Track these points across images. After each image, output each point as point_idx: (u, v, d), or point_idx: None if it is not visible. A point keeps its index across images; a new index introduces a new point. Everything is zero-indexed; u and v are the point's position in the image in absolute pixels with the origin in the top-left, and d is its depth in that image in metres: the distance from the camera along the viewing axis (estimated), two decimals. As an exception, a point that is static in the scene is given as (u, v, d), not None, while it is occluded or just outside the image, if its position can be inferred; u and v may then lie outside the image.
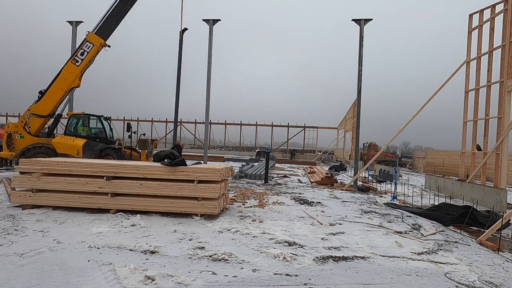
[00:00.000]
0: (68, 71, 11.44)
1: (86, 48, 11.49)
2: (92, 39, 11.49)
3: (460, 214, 6.91)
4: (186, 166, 6.49)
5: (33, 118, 11.37)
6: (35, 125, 11.46)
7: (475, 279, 3.90)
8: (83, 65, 11.51)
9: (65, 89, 11.47)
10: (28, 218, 5.72)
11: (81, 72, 11.63)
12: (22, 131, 11.23)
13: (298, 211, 7.54)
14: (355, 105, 14.69)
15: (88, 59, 11.54)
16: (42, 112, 11.40)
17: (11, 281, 3.31)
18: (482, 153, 11.30)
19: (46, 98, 11.42)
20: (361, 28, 12.36)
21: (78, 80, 11.64)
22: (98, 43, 11.50)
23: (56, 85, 11.42)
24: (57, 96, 11.46)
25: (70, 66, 11.45)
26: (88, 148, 10.94)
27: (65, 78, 11.40)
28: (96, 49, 11.55)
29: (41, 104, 11.39)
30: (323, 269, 4.01)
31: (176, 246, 4.57)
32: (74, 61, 11.48)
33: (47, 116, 11.63)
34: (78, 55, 11.47)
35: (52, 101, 11.47)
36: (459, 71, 12.53)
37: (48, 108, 11.47)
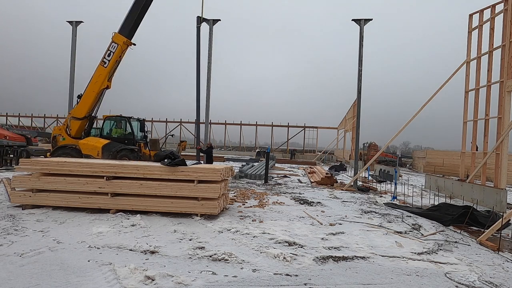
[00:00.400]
0: (98, 73, 11.67)
1: (112, 49, 11.64)
2: (116, 39, 11.60)
3: (460, 214, 6.91)
4: (186, 166, 6.49)
5: (73, 121, 11.84)
6: (75, 127, 11.93)
7: (475, 279, 3.90)
8: (110, 66, 11.64)
9: (96, 91, 11.68)
10: (28, 218, 5.72)
11: (109, 73, 11.76)
12: (64, 133, 11.82)
13: (298, 211, 7.54)
14: (355, 105, 14.69)
15: (114, 59, 11.65)
16: (79, 114, 11.84)
17: (11, 281, 3.31)
18: (482, 153, 11.30)
19: (81, 101, 11.83)
20: (361, 28, 12.36)
21: (107, 81, 11.78)
22: (122, 42, 11.60)
23: (89, 88, 11.75)
24: (90, 98, 11.74)
25: (99, 68, 11.66)
26: (107, 149, 11.06)
27: (95, 81, 11.65)
28: (120, 48, 11.63)
29: (78, 107, 11.87)
30: (323, 269, 4.01)
31: (176, 246, 4.57)
32: (102, 62, 11.69)
33: (84, 118, 11.93)
34: (106, 57, 11.64)
35: (86, 104, 11.76)
36: (459, 71, 12.53)
37: (83, 110, 11.80)
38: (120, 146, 11.46)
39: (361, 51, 12.41)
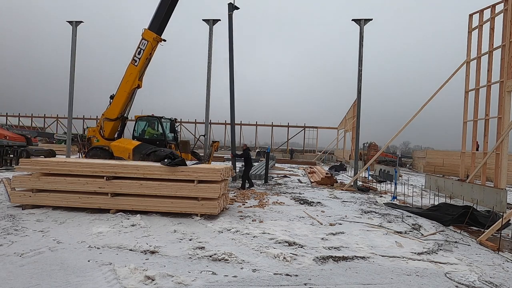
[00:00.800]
0: (129, 72, 11.36)
1: (142, 46, 11.27)
2: (146, 36, 11.25)
3: (460, 214, 6.91)
4: (186, 166, 6.49)
5: (106, 122, 11.61)
6: (108, 128, 11.71)
7: (475, 279, 3.90)
8: (141, 64, 11.29)
9: (127, 91, 11.40)
10: (28, 218, 5.72)
11: (140, 72, 11.41)
12: (98, 135, 11.63)
13: (298, 211, 7.54)
14: (355, 105, 14.69)
15: (145, 57, 11.28)
16: (111, 115, 11.61)
17: (11, 281, 3.31)
18: (482, 153, 11.30)
19: (113, 102, 11.57)
20: (361, 28, 12.35)
21: (138, 80, 11.46)
22: (151, 38, 11.25)
23: (120, 88, 11.47)
24: (122, 99, 11.44)
25: (130, 67, 11.34)
26: (138, 151, 10.72)
27: (126, 80, 11.34)
28: (150, 45, 11.26)
29: (110, 108, 11.62)
30: (323, 269, 4.01)
31: (176, 246, 4.57)
32: (133, 61, 11.32)
33: (116, 119, 11.69)
34: (136, 55, 11.28)
35: (118, 104, 11.49)
36: (459, 71, 12.53)
37: (115, 111, 11.57)
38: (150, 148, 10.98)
39: (361, 51, 12.40)
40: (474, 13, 12.34)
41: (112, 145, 11.04)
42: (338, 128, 38.00)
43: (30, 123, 44.09)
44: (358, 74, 12.44)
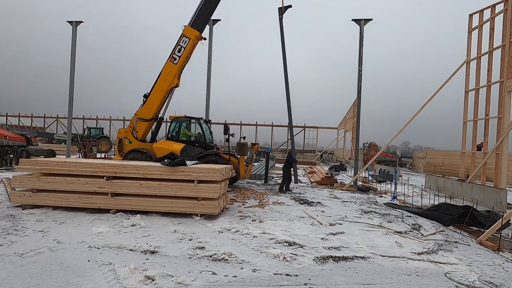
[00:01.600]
0: (167, 70, 10.81)
1: (183, 44, 10.80)
2: (187, 33, 10.82)
3: (460, 214, 6.91)
4: (186, 166, 6.49)
5: (139, 123, 11.06)
6: (141, 129, 11.18)
7: (475, 279, 3.90)
8: (181, 63, 10.85)
9: (165, 90, 10.91)
10: (28, 218, 5.72)
11: (179, 71, 11.00)
12: (130, 136, 11.00)
13: (298, 211, 7.54)
14: (355, 105, 14.69)
15: (185, 55, 10.85)
16: (146, 116, 11.09)
17: (11, 281, 3.31)
18: (482, 153, 11.30)
19: (149, 101, 11.03)
20: (361, 28, 12.35)
21: (177, 79, 11.03)
22: (194, 36, 10.79)
23: (157, 86, 10.91)
24: (159, 98, 10.95)
25: (169, 65, 10.85)
26: (186, 153, 10.30)
27: (164, 79, 10.86)
28: (192, 43, 10.84)
29: (145, 107, 11.08)
30: (323, 269, 4.01)
31: (176, 246, 4.57)
32: (172, 59, 10.82)
33: (151, 119, 11.21)
34: (176, 52, 10.80)
35: (154, 104, 10.99)
36: (459, 71, 12.53)
37: (151, 111, 11.04)
38: (198, 151, 10.55)
39: (361, 51, 12.40)
40: (474, 13, 12.34)
41: (155, 147, 10.51)
42: (338, 128, 38.01)
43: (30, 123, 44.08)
44: (358, 74, 12.44)
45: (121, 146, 10.94)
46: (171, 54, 10.83)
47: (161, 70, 10.91)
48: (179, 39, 10.83)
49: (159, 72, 10.92)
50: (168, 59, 10.83)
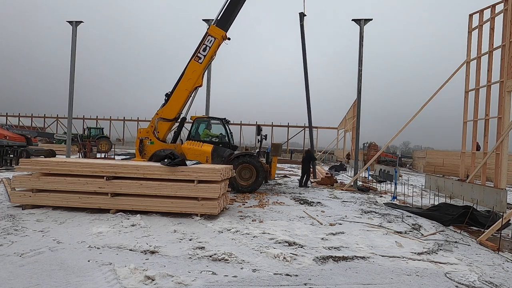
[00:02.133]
0: (192, 69, 10.54)
1: (208, 43, 10.58)
2: (213, 32, 10.62)
3: (460, 214, 6.91)
4: (186, 166, 6.49)
5: (161, 123, 10.69)
6: (163, 129, 10.81)
7: (475, 279, 3.90)
8: (205, 62, 10.65)
9: (189, 89, 10.65)
10: (28, 218, 5.72)
11: (204, 70, 10.84)
12: (152, 136, 10.58)
13: (298, 211, 7.54)
14: (355, 105, 14.69)
15: (210, 54, 10.65)
16: (169, 115, 10.74)
17: (11, 281, 3.31)
18: (482, 153, 11.31)
19: (171, 101, 10.69)
20: (361, 28, 12.35)
21: (201, 78, 10.83)
22: (220, 36, 10.58)
23: (181, 85, 10.60)
24: (182, 97, 10.65)
25: (194, 64, 10.55)
26: (217, 154, 10.16)
27: (189, 78, 10.57)
28: (217, 42, 10.66)
29: (168, 107, 10.74)
30: (323, 269, 4.01)
31: (176, 246, 4.57)
32: (196, 58, 10.53)
33: (173, 119, 10.94)
34: (201, 51, 10.57)
35: (177, 104, 10.68)
36: (459, 71, 12.53)
37: (174, 111, 10.72)
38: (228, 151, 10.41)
39: (361, 51, 12.40)
40: (474, 13, 12.34)
41: (185, 148, 10.23)
42: (338, 128, 38.02)
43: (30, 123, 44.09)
44: (358, 74, 12.44)
45: (142, 147, 10.54)
46: (195, 53, 10.61)
47: (185, 69, 10.68)
48: (204, 38, 10.63)
49: (182, 71, 10.72)
50: (192, 58, 10.62)
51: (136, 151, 10.67)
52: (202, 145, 10.29)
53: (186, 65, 10.65)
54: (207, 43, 10.59)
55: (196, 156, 9.88)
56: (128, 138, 44.60)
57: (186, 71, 10.63)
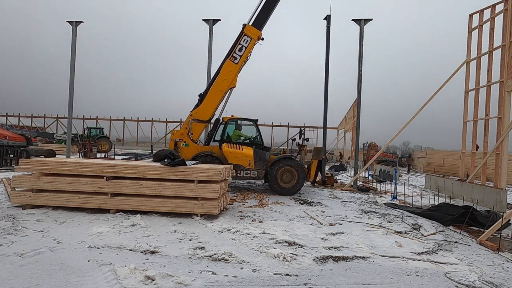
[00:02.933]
0: (227, 69, 10.32)
1: (244, 43, 10.38)
2: (249, 32, 10.41)
3: (460, 214, 6.91)
4: (186, 166, 6.49)
5: (195, 124, 10.43)
6: (197, 131, 10.57)
7: (475, 279, 3.90)
8: (241, 62, 10.43)
9: (224, 90, 10.38)
10: (28, 218, 5.72)
11: (239, 70, 10.60)
12: (186, 138, 10.28)
13: (298, 211, 7.54)
14: (355, 105, 14.69)
15: (246, 54, 10.46)
16: (203, 117, 10.46)
17: (11, 281, 3.31)
18: (482, 153, 11.31)
19: (206, 102, 10.41)
20: (361, 28, 12.35)
21: (236, 79, 10.58)
22: (256, 36, 10.38)
23: (216, 86, 10.36)
24: (217, 98, 10.42)
25: (229, 64, 10.32)
26: (259, 157, 10.00)
27: (224, 78, 10.31)
28: (253, 42, 10.48)
29: (202, 108, 10.43)
30: (323, 269, 4.00)
31: (176, 246, 4.57)
32: (232, 58, 10.32)
33: (208, 121, 10.75)
34: (236, 51, 10.36)
35: (212, 105, 10.43)
36: (459, 71, 12.54)
37: (208, 112, 10.46)
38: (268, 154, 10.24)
39: (361, 51, 12.40)
40: (474, 13, 12.34)
41: (226, 151, 9.89)
42: (338, 128, 38.01)
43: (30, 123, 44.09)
44: (358, 74, 12.44)
45: (177, 149, 10.30)
46: (231, 53, 10.40)
47: (219, 69, 10.49)
48: (240, 38, 10.43)
49: (216, 71, 10.54)
50: (227, 58, 10.41)
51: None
52: (243, 148, 10.08)
53: (221, 65, 10.46)
54: (243, 43, 10.39)
55: (238, 160, 9.77)
56: (128, 138, 44.63)
57: (221, 71, 10.39)
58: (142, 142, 44.34)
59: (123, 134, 43.36)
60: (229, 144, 10.11)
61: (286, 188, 9.87)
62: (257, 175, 9.95)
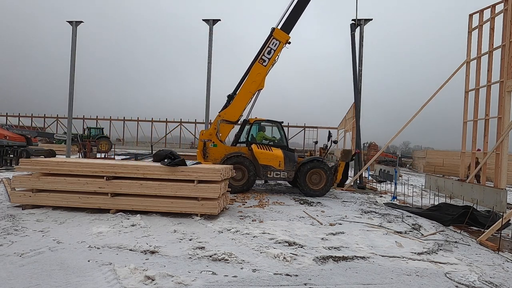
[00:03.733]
0: (256, 71, 10.45)
1: (273, 46, 10.51)
2: (278, 36, 10.52)
3: (460, 214, 6.91)
4: (186, 166, 6.49)
5: (223, 125, 10.47)
6: (225, 132, 10.63)
7: (475, 279, 3.90)
8: (269, 65, 10.57)
9: (253, 91, 10.50)
10: (28, 218, 5.72)
11: (267, 72, 10.70)
12: (215, 139, 10.38)
13: (298, 211, 7.54)
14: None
15: (274, 57, 10.61)
16: (232, 118, 10.54)
17: (11, 281, 3.31)
18: (482, 153, 11.31)
19: (235, 103, 10.52)
20: (361, 28, 12.35)
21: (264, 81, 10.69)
22: (285, 40, 10.52)
23: (245, 87, 10.49)
24: (245, 99, 10.54)
25: (258, 66, 10.44)
26: (289, 159, 10.12)
27: (253, 80, 10.42)
28: (281, 46, 10.62)
29: (230, 109, 10.54)
30: (323, 269, 4.00)
31: (176, 246, 4.57)
32: (261, 60, 10.45)
33: (236, 122, 10.80)
34: (265, 54, 10.51)
35: (240, 106, 10.56)
36: (459, 71, 12.53)
37: (237, 113, 10.57)
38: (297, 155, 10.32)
39: (361, 51, 12.41)
40: (474, 13, 12.34)
41: (257, 152, 9.99)
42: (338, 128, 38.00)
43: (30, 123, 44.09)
44: (358, 74, 12.44)
45: (206, 150, 10.39)
46: (259, 56, 10.54)
47: (248, 71, 10.60)
48: (269, 41, 10.55)
49: (245, 73, 10.64)
50: (256, 61, 10.52)
51: (199, 154, 10.49)
52: (273, 149, 10.21)
53: (249, 67, 10.58)
54: (271, 46, 10.52)
55: (269, 161, 9.92)
56: (128, 138, 44.63)
57: (250, 73, 10.54)
58: (142, 142, 44.36)
59: (123, 134, 43.37)
60: (258, 145, 10.26)
61: (315, 190, 9.94)
62: (287, 176, 10.06)
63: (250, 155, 10.05)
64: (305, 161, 10.14)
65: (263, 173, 9.94)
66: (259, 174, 9.95)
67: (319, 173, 10.09)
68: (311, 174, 10.05)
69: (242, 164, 9.82)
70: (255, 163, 9.92)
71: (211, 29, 13.62)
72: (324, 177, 10.04)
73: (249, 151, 10.12)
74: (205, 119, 13.95)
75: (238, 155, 9.95)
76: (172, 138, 44.07)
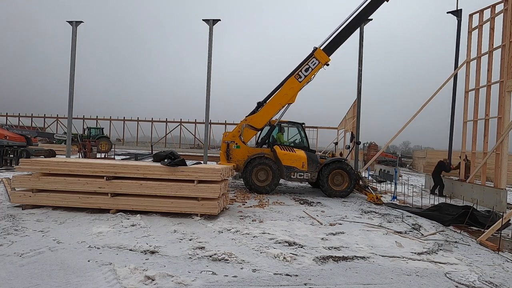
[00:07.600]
0: (290, 86, 10.66)
1: (312, 65, 10.64)
2: (319, 56, 10.63)
3: (460, 214, 6.92)
4: (186, 166, 6.49)
5: (247, 129, 10.77)
6: (248, 137, 10.92)
7: (475, 279, 3.90)
8: (304, 82, 10.67)
9: (283, 104, 10.72)
10: (28, 218, 5.72)
11: (300, 89, 10.85)
12: (239, 141, 10.67)
13: (298, 211, 7.54)
14: (355, 105, 14.69)
15: (310, 76, 10.74)
16: (257, 125, 10.81)
17: (11, 281, 3.31)
18: (482, 153, 11.31)
19: (263, 111, 10.78)
20: (361, 28, 12.34)
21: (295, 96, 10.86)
22: (324, 61, 10.69)
23: (275, 99, 10.72)
24: (274, 110, 10.79)
25: (293, 81, 10.65)
26: (312, 160, 10.16)
27: (285, 93, 10.66)
28: (320, 66, 10.74)
29: (258, 116, 10.81)
30: (323, 269, 4.00)
31: (176, 246, 4.57)
32: (297, 76, 10.64)
33: (260, 129, 10.98)
34: (302, 71, 10.62)
35: (268, 115, 10.80)
36: (459, 71, 12.53)
37: (263, 121, 10.82)
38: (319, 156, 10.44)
39: (361, 51, 12.40)
40: (474, 13, 12.34)
41: (280, 153, 10.14)
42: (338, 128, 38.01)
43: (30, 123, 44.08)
44: (358, 74, 12.44)
45: (229, 151, 10.64)
46: (296, 71, 10.66)
47: (282, 83, 10.75)
48: (308, 59, 10.69)
49: (278, 85, 10.79)
50: (292, 75, 10.68)
51: (222, 155, 10.67)
52: (296, 151, 10.32)
53: (284, 80, 10.74)
54: (310, 65, 10.68)
55: (292, 162, 10.03)
56: (128, 138, 44.65)
57: (284, 86, 10.71)
58: (142, 142, 44.36)
59: (123, 134, 43.36)
60: (281, 146, 10.39)
61: (337, 191, 9.97)
62: (310, 177, 10.12)
63: (273, 156, 10.17)
64: (328, 162, 10.17)
65: (287, 174, 10.00)
66: (282, 175, 10.02)
67: (341, 174, 10.13)
68: (334, 175, 10.09)
69: (266, 165, 9.95)
70: (278, 164, 10.03)
71: (211, 29, 13.60)
72: (347, 178, 10.08)
73: (272, 152, 10.24)
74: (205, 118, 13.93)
75: (261, 155, 10.09)
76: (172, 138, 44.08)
